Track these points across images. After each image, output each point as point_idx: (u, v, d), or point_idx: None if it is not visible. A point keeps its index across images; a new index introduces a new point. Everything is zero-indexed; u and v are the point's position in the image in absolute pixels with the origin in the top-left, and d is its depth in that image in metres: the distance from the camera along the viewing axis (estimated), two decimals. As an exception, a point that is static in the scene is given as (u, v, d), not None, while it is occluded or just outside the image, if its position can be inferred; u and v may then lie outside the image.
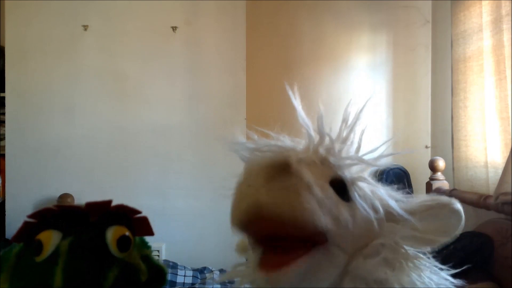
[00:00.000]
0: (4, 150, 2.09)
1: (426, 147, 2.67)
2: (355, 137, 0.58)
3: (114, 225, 0.53)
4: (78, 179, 2.08)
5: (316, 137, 0.55)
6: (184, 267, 1.93)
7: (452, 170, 2.07)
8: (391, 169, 2.34)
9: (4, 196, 2.07)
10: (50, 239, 0.50)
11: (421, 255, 0.55)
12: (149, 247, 0.61)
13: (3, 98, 2.09)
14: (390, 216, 0.54)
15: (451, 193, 1.88)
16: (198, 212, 2.17)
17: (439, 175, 2.01)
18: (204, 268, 1.98)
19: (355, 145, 0.57)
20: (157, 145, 2.17)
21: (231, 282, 1.84)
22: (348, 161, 0.54)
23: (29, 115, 2.09)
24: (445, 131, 2.30)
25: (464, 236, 1.33)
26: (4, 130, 2.10)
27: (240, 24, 2.23)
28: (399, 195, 0.57)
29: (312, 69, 2.73)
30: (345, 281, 0.50)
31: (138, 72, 2.17)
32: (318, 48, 2.74)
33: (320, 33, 2.74)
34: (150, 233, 0.58)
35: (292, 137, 0.59)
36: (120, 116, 2.15)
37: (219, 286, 1.78)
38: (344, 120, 0.58)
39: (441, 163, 2.00)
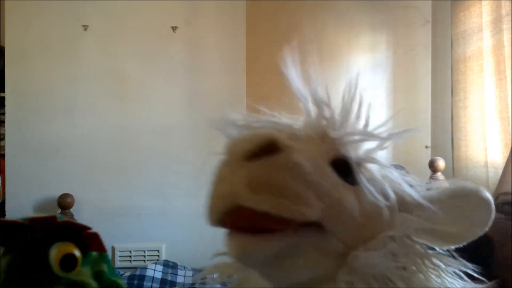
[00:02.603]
0: (4, 150, 2.09)
1: (426, 147, 2.67)
2: (361, 110, 0.48)
3: (60, 241, 0.50)
4: (78, 179, 2.08)
5: (313, 108, 0.47)
6: (184, 267, 1.93)
7: (452, 170, 2.07)
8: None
9: (4, 196, 2.07)
10: None
11: (442, 253, 0.46)
12: (107, 262, 0.57)
13: (3, 98, 2.09)
14: (403, 205, 0.45)
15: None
16: (198, 212, 2.14)
17: (439, 175, 2.01)
18: (204, 268, 1.97)
19: (362, 120, 0.48)
20: (157, 145, 2.17)
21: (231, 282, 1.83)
22: (352, 137, 0.45)
23: (29, 115, 2.09)
24: (445, 131, 2.30)
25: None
26: (4, 130, 2.10)
27: (240, 24, 2.23)
28: (415, 180, 0.48)
29: (312, 69, 2.73)
30: (339, 274, 0.41)
31: (138, 72, 2.17)
32: (318, 48, 2.74)
33: (320, 33, 2.74)
34: (102, 249, 0.54)
35: (291, 115, 0.51)
36: (120, 116, 2.15)
37: (219, 286, 1.78)
38: (347, 90, 0.49)
39: (441, 163, 2.00)
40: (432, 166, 2.02)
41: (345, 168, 0.44)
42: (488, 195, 0.45)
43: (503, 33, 1.73)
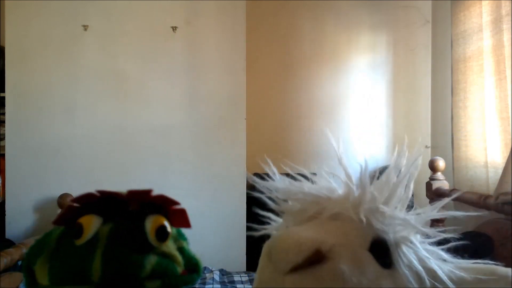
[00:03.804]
0: (4, 150, 2.09)
1: (426, 147, 2.67)
2: (401, 193, 0.50)
3: (153, 214, 0.53)
4: (78, 179, 2.08)
5: (356, 190, 0.49)
6: (184, 267, 1.92)
7: (452, 170, 2.07)
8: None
9: (4, 196, 2.07)
10: (91, 223, 0.50)
11: None
12: (185, 239, 0.61)
13: (3, 98, 2.09)
14: (436, 284, 0.47)
15: (451, 193, 1.88)
16: (198, 212, 2.17)
17: (439, 175, 2.01)
18: (204, 268, 1.98)
19: (401, 202, 0.50)
20: (157, 145, 2.17)
21: (231, 282, 1.84)
22: (392, 222, 0.47)
23: (29, 115, 2.09)
24: (445, 131, 2.30)
25: (464, 236, 1.33)
26: (4, 130, 2.10)
27: (240, 24, 2.23)
28: (447, 256, 0.50)
29: (312, 69, 2.73)
30: None
31: (138, 72, 2.17)
32: (318, 48, 2.74)
33: (320, 33, 2.74)
34: (187, 225, 0.58)
35: (329, 175, 0.54)
36: (120, 116, 2.15)
37: (219, 286, 1.78)
38: (391, 176, 0.50)
39: (441, 163, 2.00)
40: (432, 166, 2.02)
41: (382, 249, 0.45)
42: None
43: (503, 33, 1.73)
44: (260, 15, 2.67)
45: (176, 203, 0.56)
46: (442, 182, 1.99)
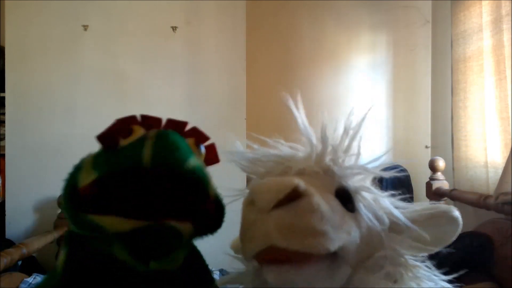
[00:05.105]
0: (4, 150, 2.09)
1: (426, 147, 2.67)
2: (358, 146, 0.57)
3: None
4: (78, 179, 2.08)
5: (318, 146, 0.54)
6: (184, 267, 1.92)
7: (452, 170, 2.07)
8: (390, 169, 2.34)
9: (4, 196, 2.07)
10: (139, 129, 0.54)
11: (420, 264, 0.55)
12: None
13: (3, 98, 2.09)
14: (392, 225, 0.53)
15: (451, 193, 1.88)
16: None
17: (439, 175, 2.01)
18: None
19: (355, 154, 0.56)
20: (157, 145, 2.16)
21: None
22: (351, 171, 0.53)
23: (29, 115, 2.09)
24: (445, 131, 2.30)
25: (464, 236, 1.33)
26: (4, 130, 2.10)
27: (240, 24, 2.23)
28: (399, 202, 0.57)
29: (312, 69, 2.73)
30: None
31: (138, 72, 2.17)
32: (318, 48, 2.74)
33: (320, 33, 2.74)
34: (217, 159, 0.60)
35: (290, 143, 0.60)
36: (120, 116, 2.14)
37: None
38: (346, 129, 0.57)
39: (441, 163, 2.00)
40: (432, 166, 2.02)
41: (344, 197, 0.51)
42: (457, 213, 0.55)
43: (503, 33, 1.73)
44: (260, 15, 2.67)
45: (208, 138, 0.59)
46: (442, 182, 1.99)
